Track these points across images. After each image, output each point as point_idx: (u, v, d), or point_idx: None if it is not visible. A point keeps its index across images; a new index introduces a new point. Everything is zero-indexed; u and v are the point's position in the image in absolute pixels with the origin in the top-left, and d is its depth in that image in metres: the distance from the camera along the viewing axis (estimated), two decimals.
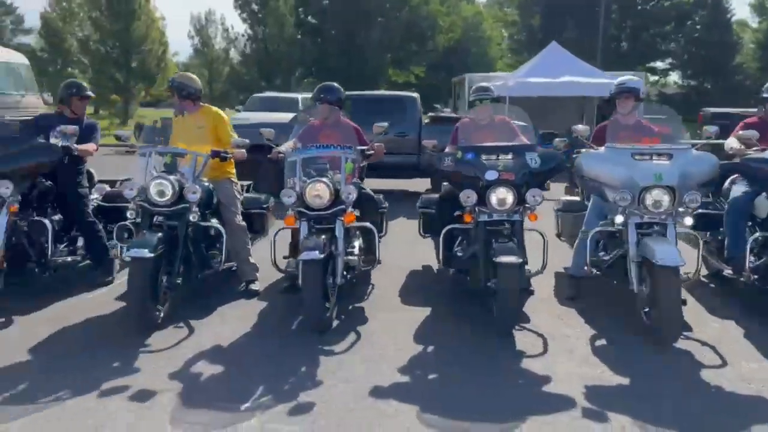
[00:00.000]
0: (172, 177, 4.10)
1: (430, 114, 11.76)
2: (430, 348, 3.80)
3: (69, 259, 4.75)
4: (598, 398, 3.15)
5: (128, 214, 4.12)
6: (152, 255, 3.79)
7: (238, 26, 42.46)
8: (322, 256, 3.82)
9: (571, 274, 4.78)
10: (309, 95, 18.53)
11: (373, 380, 3.32)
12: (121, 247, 4.38)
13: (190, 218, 4.13)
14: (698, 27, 36.63)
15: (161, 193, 4.07)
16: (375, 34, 28.27)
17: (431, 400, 3.10)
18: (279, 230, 4.50)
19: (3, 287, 4.27)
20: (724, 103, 21.54)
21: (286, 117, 11.58)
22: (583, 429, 2.87)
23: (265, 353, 3.71)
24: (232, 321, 4.22)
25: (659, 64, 38.23)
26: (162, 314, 4.03)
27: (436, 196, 5.46)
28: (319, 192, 4.08)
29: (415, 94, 10.35)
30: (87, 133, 4.87)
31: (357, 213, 4.38)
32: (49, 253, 4.43)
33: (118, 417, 2.92)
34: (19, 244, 4.40)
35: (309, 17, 31.12)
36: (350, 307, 4.50)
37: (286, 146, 4.75)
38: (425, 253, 5.64)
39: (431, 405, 3.05)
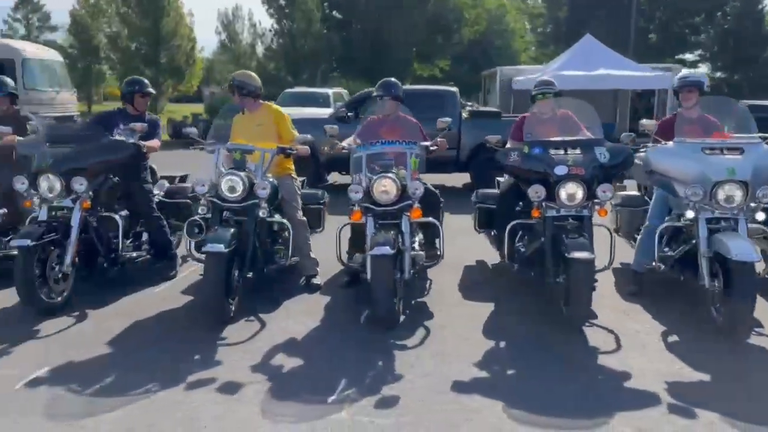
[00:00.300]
0: (242, 173, 4.15)
1: (468, 108, 11.67)
2: (502, 344, 3.80)
3: (134, 254, 4.84)
4: (681, 394, 3.13)
5: (199, 210, 4.19)
6: (227, 250, 3.85)
7: (265, 21, 42.57)
8: (393, 251, 3.84)
9: (634, 269, 4.74)
10: (340, 90, 18.64)
11: (451, 375, 3.33)
12: (190, 242, 4.44)
13: (260, 214, 4.19)
14: (729, 18, 35.90)
15: (232, 189, 4.13)
16: (401, 27, 28.15)
17: (513, 396, 3.10)
18: (344, 225, 4.52)
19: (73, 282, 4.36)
20: (755, 96, 21.12)
21: (319, 112, 11.62)
22: (672, 425, 2.86)
23: (337, 347, 3.75)
24: (299, 315, 4.27)
25: (689, 56, 37.57)
26: (233, 308, 4.09)
27: (493, 191, 5.47)
28: (386, 187, 4.11)
29: (455, 89, 10.31)
30: (149, 130, 4.92)
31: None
32: (120, 248, 4.53)
33: (207, 409, 2.97)
34: (88, 240, 4.49)
35: (333, 12, 31.13)
36: (413, 302, 4.53)
37: (347, 142, 4.78)
38: (478, 249, 5.64)
39: (514, 401, 3.05)
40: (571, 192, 3.98)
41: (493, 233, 5.35)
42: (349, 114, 9.93)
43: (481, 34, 36.90)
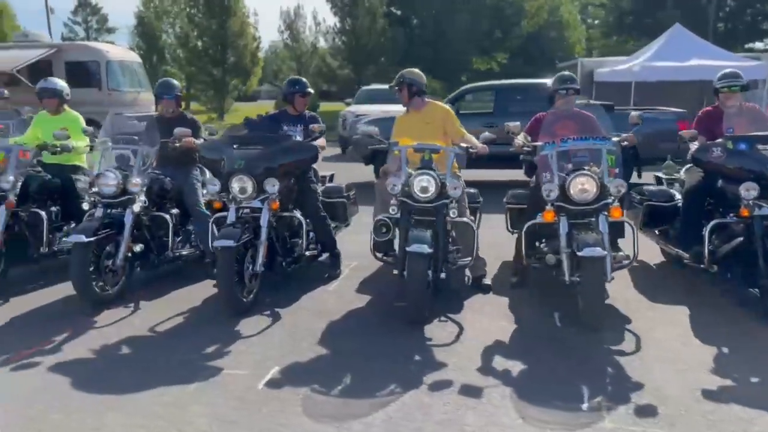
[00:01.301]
0: (433, 173, 4.10)
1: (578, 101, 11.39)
2: (724, 349, 3.63)
3: (307, 253, 4.85)
4: None
5: (390, 210, 4.16)
6: (431, 251, 3.81)
7: (329, 19, 42.79)
8: (605, 252, 3.72)
9: None
10: None
11: (690, 382, 3.20)
12: (375, 240, 4.42)
13: (450, 214, 4.14)
14: None
15: (425, 189, 4.08)
16: (461, 22, 27.92)
17: None
18: (528, 224, 4.42)
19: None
20: None
21: (395, 109, 11.51)
22: None
23: (548, 349, 3.66)
24: (487, 316, 4.21)
25: (758, 45, 36.05)
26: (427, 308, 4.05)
27: (659, 187, 5.31)
28: (585, 185, 3.98)
29: None
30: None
31: None
32: (304, 247, 4.55)
33: (464, 413, 2.91)
34: (268, 240, 4.51)
35: (392, 8, 31.10)
36: None
37: (520, 140, 4.66)
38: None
39: None
40: None
41: (657, 231, 5.19)
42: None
43: (540, 27, 36.29)
